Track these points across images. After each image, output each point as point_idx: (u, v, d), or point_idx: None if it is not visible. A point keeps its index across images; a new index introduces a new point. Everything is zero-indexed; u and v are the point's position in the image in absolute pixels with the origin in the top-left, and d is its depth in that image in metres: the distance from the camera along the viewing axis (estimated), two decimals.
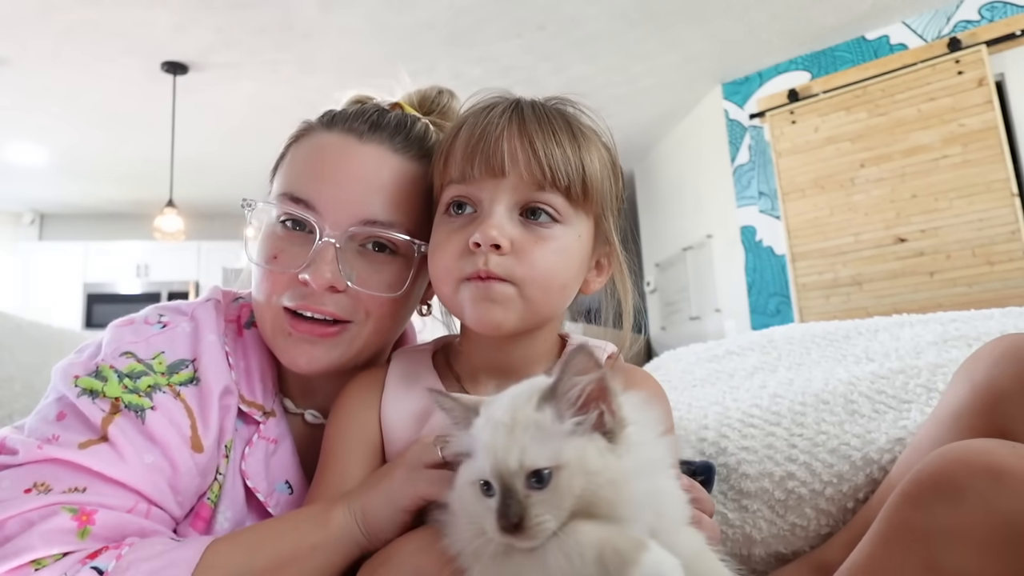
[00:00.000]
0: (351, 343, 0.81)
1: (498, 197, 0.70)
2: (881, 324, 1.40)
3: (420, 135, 0.85)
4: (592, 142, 0.76)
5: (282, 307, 0.79)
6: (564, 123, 0.74)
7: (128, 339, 0.76)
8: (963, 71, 3.60)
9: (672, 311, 5.48)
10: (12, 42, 3.71)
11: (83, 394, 0.70)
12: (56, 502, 0.62)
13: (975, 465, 0.64)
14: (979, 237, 3.49)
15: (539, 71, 4.25)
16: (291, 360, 0.80)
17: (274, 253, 0.80)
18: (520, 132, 0.71)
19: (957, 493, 0.64)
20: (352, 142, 0.81)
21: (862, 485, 0.95)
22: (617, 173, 0.80)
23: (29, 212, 6.96)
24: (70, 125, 4.84)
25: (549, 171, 0.69)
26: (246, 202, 0.84)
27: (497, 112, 0.73)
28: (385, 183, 0.80)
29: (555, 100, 0.78)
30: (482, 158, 0.70)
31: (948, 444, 0.70)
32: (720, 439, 1.11)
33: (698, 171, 5.02)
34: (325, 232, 0.77)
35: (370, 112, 0.84)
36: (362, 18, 3.59)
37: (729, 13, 3.70)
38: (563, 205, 0.71)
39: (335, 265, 0.76)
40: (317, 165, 0.80)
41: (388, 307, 0.82)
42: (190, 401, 0.75)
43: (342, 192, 0.78)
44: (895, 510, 0.69)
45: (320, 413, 0.89)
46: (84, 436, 0.67)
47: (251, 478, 0.80)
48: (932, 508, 0.65)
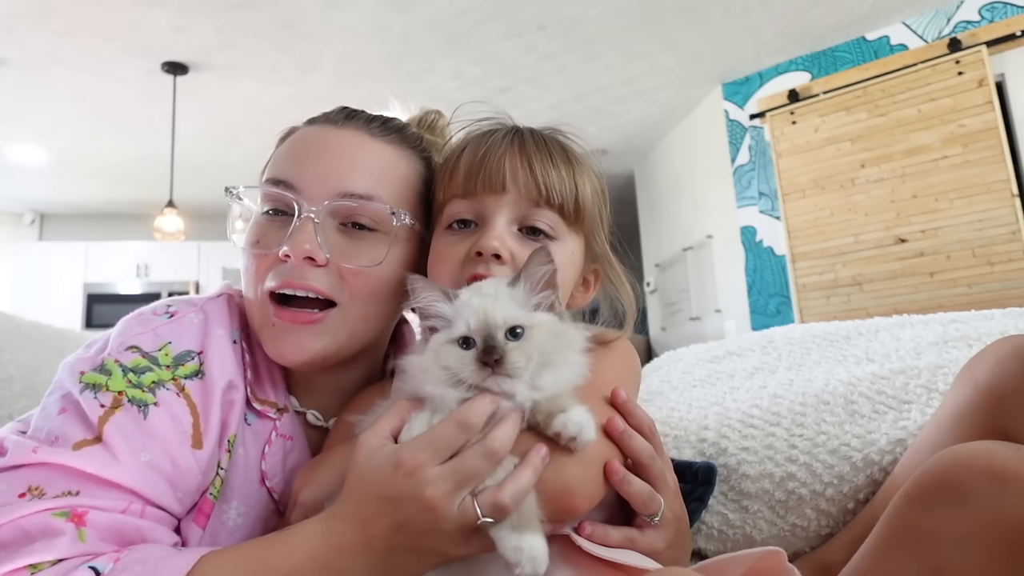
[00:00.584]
0: (337, 331, 0.80)
1: (499, 211, 0.77)
2: (881, 325, 1.40)
3: (397, 126, 0.89)
4: (584, 168, 0.83)
5: (267, 294, 0.79)
6: (560, 149, 0.82)
7: (135, 331, 0.76)
8: (963, 71, 3.60)
9: (672, 311, 5.48)
10: (12, 42, 3.71)
11: (86, 389, 0.70)
12: (48, 508, 0.62)
13: (978, 468, 0.64)
14: (979, 238, 3.49)
15: (539, 71, 4.25)
16: (277, 351, 0.79)
17: (257, 238, 0.82)
18: (520, 153, 0.78)
19: (960, 495, 0.64)
20: (329, 128, 0.85)
21: (862, 486, 0.95)
22: (605, 198, 0.87)
23: (29, 212, 6.96)
24: (70, 125, 4.85)
25: (545, 189, 0.77)
26: (230, 190, 0.86)
27: (499, 135, 0.81)
28: (363, 160, 0.83)
29: (550, 129, 0.86)
30: (485, 175, 0.77)
31: (951, 446, 0.70)
32: (720, 439, 1.11)
33: (698, 171, 5.03)
34: (304, 208, 0.79)
35: (347, 108, 0.89)
36: (362, 18, 3.59)
37: (729, 13, 3.70)
38: (557, 222, 0.79)
39: (313, 237, 0.78)
40: (297, 150, 0.84)
41: (373, 285, 0.81)
42: (194, 396, 0.75)
43: (320, 168, 0.81)
44: (898, 512, 0.69)
45: (321, 414, 0.89)
46: (80, 435, 0.67)
47: (270, 478, 0.80)
48: (935, 510, 0.65)
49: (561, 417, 0.64)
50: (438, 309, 0.69)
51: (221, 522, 0.77)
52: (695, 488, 1.03)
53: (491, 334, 0.65)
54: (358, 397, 0.86)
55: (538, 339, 0.66)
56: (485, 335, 0.65)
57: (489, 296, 0.67)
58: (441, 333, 0.68)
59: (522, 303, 0.68)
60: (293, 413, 0.86)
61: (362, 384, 0.92)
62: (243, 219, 0.88)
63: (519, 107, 4.81)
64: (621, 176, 6.22)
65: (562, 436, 0.64)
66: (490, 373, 0.63)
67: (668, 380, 1.45)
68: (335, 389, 0.89)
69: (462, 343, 0.66)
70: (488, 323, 0.65)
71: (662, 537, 0.72)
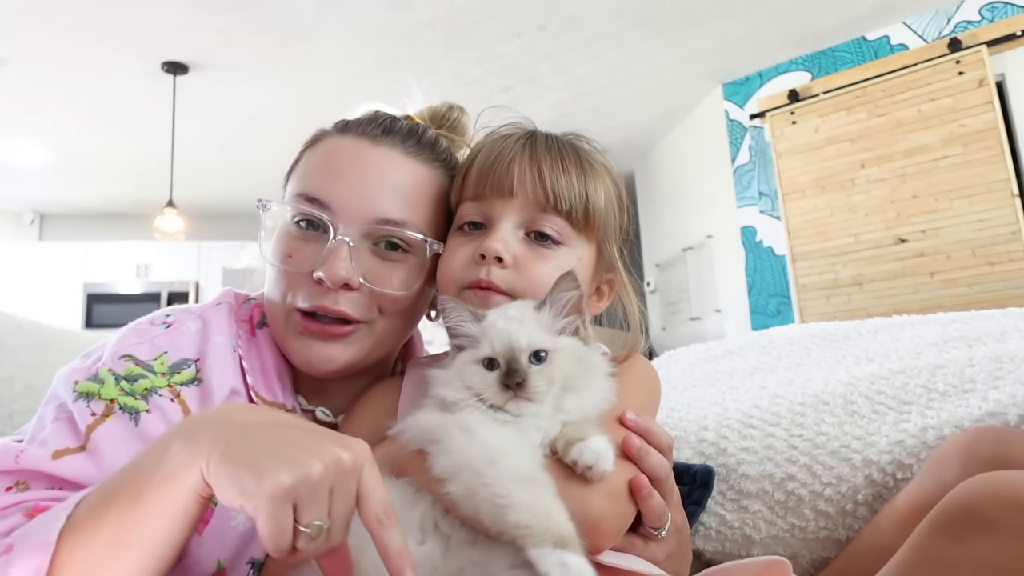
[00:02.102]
0: (363, 342, 0.82)
1: (505, 215, 0.77)
2: (881, 325, 1.40)
3: (431, 141, 0.88)
4: (600, 175, 0.82)
5: (295, 308, 0.80)
6: (574, 154, 0.81)
7: (131, 341, 0.77)
8: (963, 71, 3.60)
9: (672, 311, 5.48)
10: (12, 42, 3.71)
11: (78, 399, 0.71)
12: (21, 500, 0.62)
13: (1007, 498, 0.64)
14: (979, 238, 3.49)
15: (539, 71, 4.25)
16: (305, 361, 0.81)
17: (288, 252, 0.81)
18: (530, 158, 0.78)
19: (987, 525, 0.63)
20: (365, 144, 0.83)
21: (861, 486, 0.95)
22: (623, 207, 0.86)
23: (29, 212, 6.96)
24: (70, 125, 4.85)
25: (552, 194, 0.77)
26: (261, 203, 0.86)
27: (512, 140, 0.81)
28: (398, 183, 0.82)
29: (571, 135, 0.86)
30: (494, 179, 0.78)
31: (980, 475, 0.69)
32: (720, 440, 1.11)
33: (698, 171, 5.02)
34: (339, 231, 0.78)
35: (382, 119, 0.87)
36: (362, 18, 3.59)
37: (729, 13, 3.70)
38: (565, 228, 0.78)
39: (349, 263, 0.78)
40: (331, 166, 0.82)
41: (401, 305, 0.83)
42: (190, 402, 0.75)
43: (356, 191, 0.80)
44: (923, 539, 0.68)
45: (330, 411, 0.90)
46: (64, 444, 0.68)
47: None
48: (961, 539, 0.65)
49: (579, 446, 0.64)
50: (466, 329, 0.71)
51: (231, 527, 0.76)
52: (692, 491, 1.03)
53: (515, 357, 0.66)
54: (367, 395, 0.87)
55: (561, 364, 0.67)
56: (509, 358, 0.66)
57: (515, 319, 0.68)
58: (467, 352, 0.70)
59: (547, 327, 0.69)
60: (301, 413, 0.87)
61: (371, 384, 0.92)
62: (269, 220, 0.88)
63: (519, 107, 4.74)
64: (621, 176, 6.22)
65: (578, 465, 0.63)
66: (511, 396, 0.65)
67: (668, 380, 1.45)
68: (346, 391, 0.90)
69: (486, 364, 0.68)
70: (512, 346, 0.66)
71: (663, 548, 0.73)
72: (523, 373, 0.65)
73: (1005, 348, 1.08)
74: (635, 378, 0.82)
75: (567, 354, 0.68)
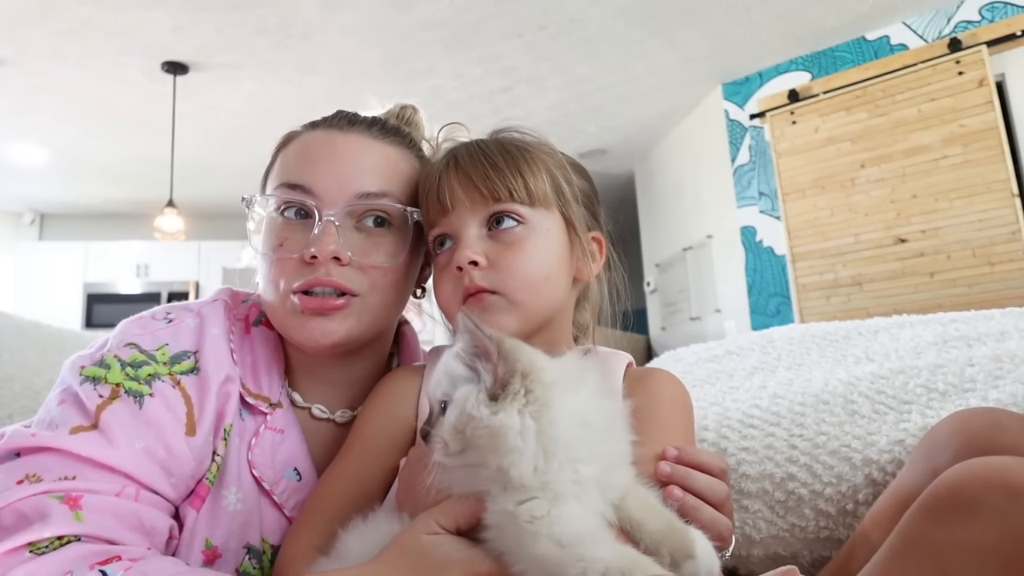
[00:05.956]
0: (360, 315, 0.86)
1: (462, 225, 0.81)
2: (881, 325, 1.40)
3: (394, 126, 0.95)
4: (530, 151, 0.84)
5: (291, 290, 0.84)
6: (497, 147, 0.84)
7: (134, 332, 0.82)
8: (963, 71, 3.60)
9: (672, 311, 5.48)
10: (12, 42, 3.71)
11: (85, 382, 0.75)
12: (45, 491, 0.65)
13: (994, 481, 0.64)
14: (979, 237, 3.49)
15: (539, 71, 4.25)
16: (308, 336, 0.84)
17: (279, 241, 0.85)
18: (456, 170, 0.83)
19: (974, 509, 0.63)
20: (336, 133, 0.89)
21: (861, 486, 0.95)
22: (568, 171, 0.87)
23: (29, 212, 6.96)
24: (70, 125, 4.84)
25: (487, 189, 0.80)
26: (245, 200, 0.91)
27: (437, 164, 0.86)
28: (372, 161, 0.88)
29: (495, 131, 0.90)
30: (436, 200, 0.83)
31: (968, 460, 0.69)
32: (720, 439, 1.11)
33: (698, 171, 5.02)
34: (324, 212, 0.83)
35: (346, 114, 0.94)
36: (362, 18, 3.59)
37: (729, 13, 3.70)
38: (518, 209, 0.81)
39: (337, 238, 0.83)
40: (308, 155, 0.88)
41: (391, 278, 0.88)
42: (189, 389, 0.79)
43: (334, 172, 0.86)
44: (911, 523, 0.68)
45: (327, 407, 0.93)
46: (77, 422, 0.72)
47: (257, 467, 0.84)
48: (949, 523, 0.65)
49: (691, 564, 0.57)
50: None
51: (222, 507, 0.81)
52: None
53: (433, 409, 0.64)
54: (375, 392, 0.89)
55: (451, 416, 0.60)
56: (431, 409, 0.64)
57: (441, 367, 0.65)
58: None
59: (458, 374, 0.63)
60: (289, 407, 0.90)
61: (368, 376, 0.96)
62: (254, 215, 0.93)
63: (519, 107, 4.81)
64: (621, 176, 6.22)
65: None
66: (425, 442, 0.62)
67: None
68: (343, 381, 0.94)
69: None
70: (430, 398, 0.64)
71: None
72: (428, 426, 0.62)
73: (1005, 348, 1.09)
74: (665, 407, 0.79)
75: (458, 406, 0.59)
